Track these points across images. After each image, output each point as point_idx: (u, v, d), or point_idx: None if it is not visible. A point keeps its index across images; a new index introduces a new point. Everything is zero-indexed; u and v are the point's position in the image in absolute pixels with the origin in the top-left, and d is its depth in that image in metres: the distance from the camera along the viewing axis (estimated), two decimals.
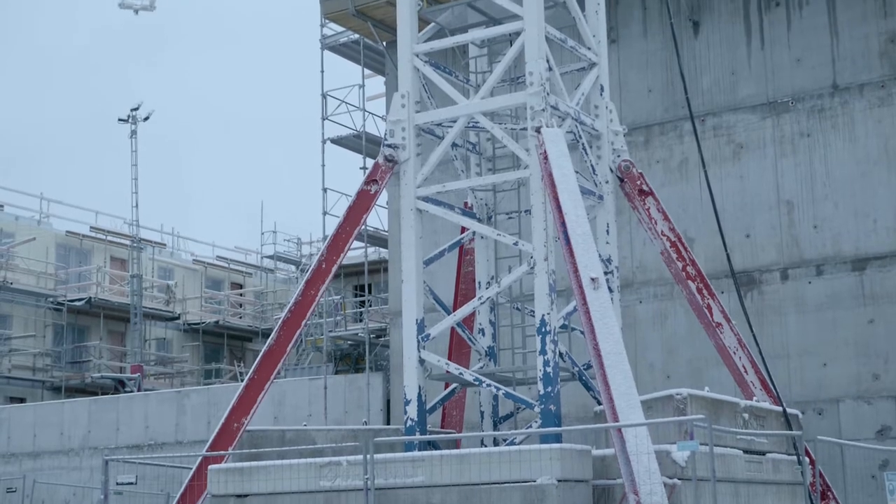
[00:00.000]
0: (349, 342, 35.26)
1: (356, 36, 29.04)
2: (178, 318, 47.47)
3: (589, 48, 17.51)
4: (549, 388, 15.30)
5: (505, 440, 17.63)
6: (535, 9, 15.92)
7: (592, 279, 14.68)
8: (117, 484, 23.81)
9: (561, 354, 16.12)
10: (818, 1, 22.84)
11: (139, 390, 38.79)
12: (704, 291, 17.64)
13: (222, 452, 16.29)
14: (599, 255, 15.75)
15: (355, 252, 34.07)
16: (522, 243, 16.11)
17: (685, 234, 21.39)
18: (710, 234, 21.60)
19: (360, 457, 14.06)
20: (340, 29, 29.27)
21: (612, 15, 23.94)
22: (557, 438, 14.75)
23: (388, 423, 26.08)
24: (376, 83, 31.90)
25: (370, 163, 19.28)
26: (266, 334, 42.34)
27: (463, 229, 18.60)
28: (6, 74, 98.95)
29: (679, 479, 13.66)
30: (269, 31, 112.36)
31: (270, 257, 48.08)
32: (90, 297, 43.31)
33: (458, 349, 18.93)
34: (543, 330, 15.42)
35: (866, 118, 22.11)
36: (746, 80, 23.29)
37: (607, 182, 17.52)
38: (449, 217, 17.26)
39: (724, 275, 20.52)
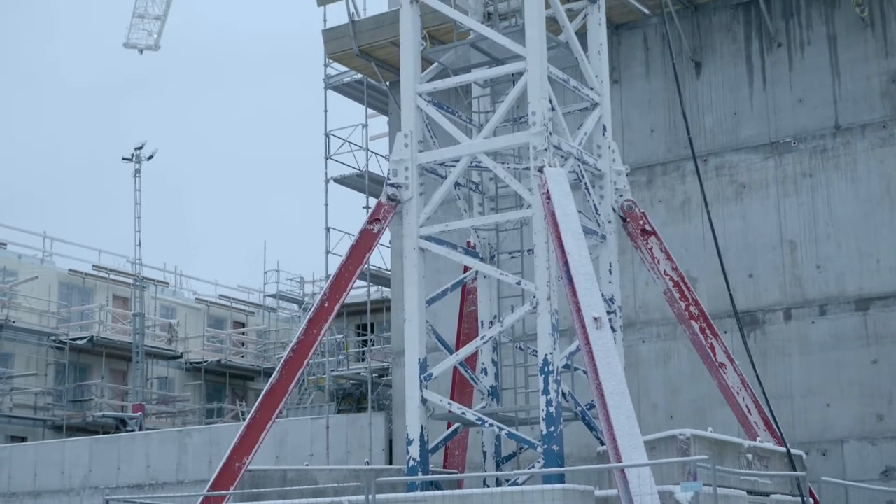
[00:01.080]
0: (351, 381, 35.19)
1: (360, 76, 29.17)
2: (180, 356, 47.40)
3: (591, 88, 17.56)
4: (552, 428, 15.24)
5: (507, 480, 17.53)
6: (538, 49, 15.98)
7: (595, 319, 14.65)
8: None
9: (564, 394, 16.07)
10: (819, 42, 22.93)
11: (140, 429, 38.69)
12: (707, 331, 17.59)
13: (224, 493, 16.21)
14: (602, 295, 15.73)
15: (358, 291, 34.07)
16: (525, 283, 16.10)
17: (688, 273, 21.37)
18: (712, 273, 21.57)
19: (363, 497, 13.98)
20: (344, 69, 29.41)
21: (614, 55, 24.05)
22: (560, 479, 14.67)
23: (391, 463, 25.97)
24: (379, 123, 32.04)
25: (373, 202, 19.31)
26: (268, 373, 42.22)
27: (466, 268, 18.58)
28: (9, 112, 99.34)
29: None
30: (272, 71, 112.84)
31: (273, 296, 48.06)
32: (92, 336, 43.27)
33: (460, 389, 18.87)
34: (546, 369, 15.37)
35: (868, 158, 22.14)
36: (748, 120, 23.35)
37: (610, 221, 17.52)
38: (452, 256, 17.25)
39: (727, 314, 20.48)
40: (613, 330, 16.66)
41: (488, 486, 16.84)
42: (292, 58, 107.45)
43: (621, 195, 17.70)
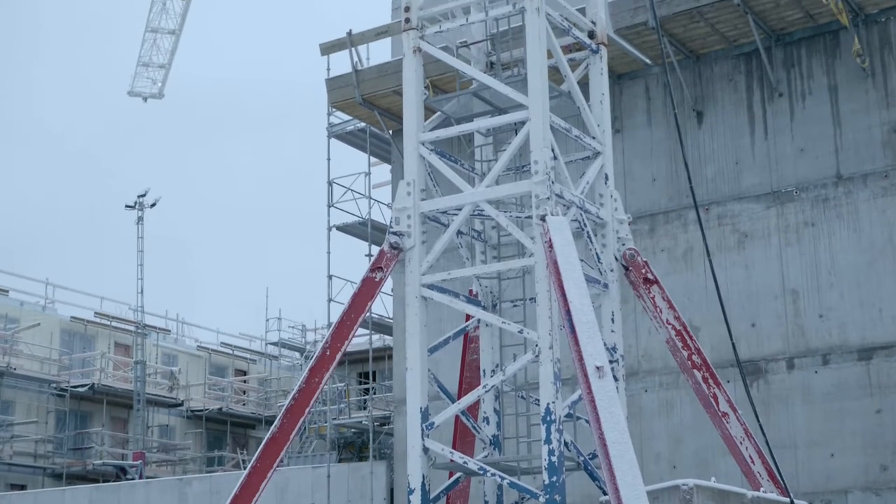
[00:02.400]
0: (353, 430, 35.05)
1: (362, 124, 29.29)
2: (181, 404, 47.29)
3: (594, 137, 17.62)
4: (554, 478, 15.15)
5: None
6: (540, 99, 16.05)
7: (597, 368, 14.61)
8: None
9: (566, 444, 15.98)
10: (821, 92, 23.04)
11: (141, 477, 38.52)
12: (710, 380, 17.53)
13: None
14: (605, 344, 15.68)
15: (360, 339, 34.05)
16: (527, 331, 16.06)
17: (690, 322, 21.34)
18: (715, 322, 21.54)
19: None
20: (347, 117, 29.55)
21: (616, 105, 24.15)
22: None
23: None
24: (382, 171, 32.13)
25: (375, 250, 19.32)
26: (269, 422, 42.12)
27: (468, 317, 18.55)
28: (12, 160, 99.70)
29: None
30: (275, 119, 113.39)
31: (275, 344, 48.03)
32: (93, 384, 43.18)
33: (462, 438, 18.78)
34: (548, 419, 15.30)
35: (870, 208, 22.18)
36: (750, 169, 23.41)
37: (612, 270, 17.51)
38: (454, 305, 17.23)
39: (730, 364, 20.43)
40: (616, 379, 16.60)
41: None
42: (295, 106, 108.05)
43: (623, 244, 17.70)
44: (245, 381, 51.77)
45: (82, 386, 43.16)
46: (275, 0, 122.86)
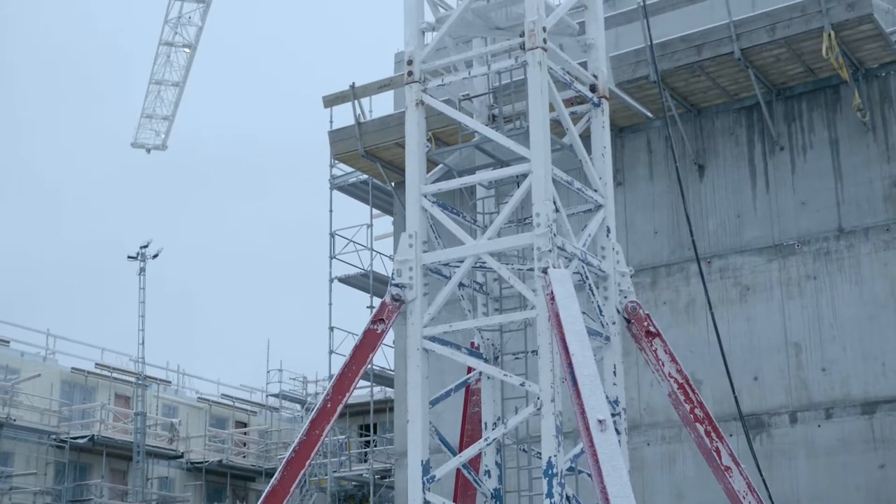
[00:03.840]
0: (354, 483, 34.91)
1: (365, 176, 29.39)
2: (180, 456, 47.07)
3: (595, 190, 17.65)
4: None
5: None
6: (542, 151, 16.09)
7: (600, 421, 14.54)
8: None
9: (568, 497, 15.88)
10: (822, 146, 23.12)
11: None
12: (713, 434, 17.44)
13: None
14: (607, 397, 15.62)
15: (361, 391, 33.94)
16: (529, 384, 16.01)
17: (693, 375, 21.27)
18: (717, 376, 21.48)
19: None
20: (349, 169, 29.66)
21: (618, 158, 24.23)
22: None
23: None
24: (384, 223, 32.22)
25: (377, 302, 19.29)
26: (269, 474, 41.89)
27: (469, 369, 18.50)
28: (14, 209, 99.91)
29: None
30: (278, 171, 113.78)
31: (276, 396, 47.91)
32: (93, 435, 42.99)
33: (463, 491, 18.66)
34: (550, 472, 15.22)
35: (872, 261, 22.18)
36: (752, 222, 23.44)
37: (614, 323, 17.48)
38: (455, 357, 17.18)
39: (733, 417, 20.34)
40: (618, 432, 16.52)
41: None
42: (297, 158, 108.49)
43: (625, 297, 17.68)
44: (245, 433, 51.55)
45: (82, 437, 42.99)
46: (278, 52, 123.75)
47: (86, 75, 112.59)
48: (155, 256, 45.72)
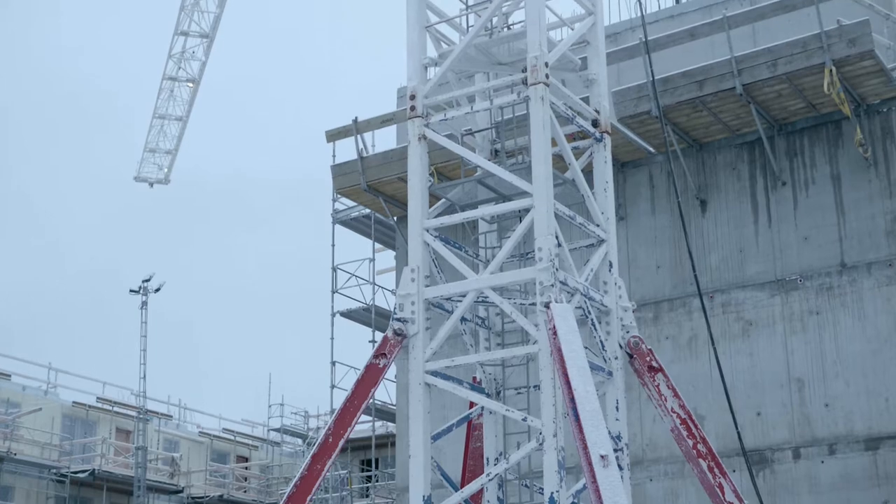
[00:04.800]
0: None
1: (367, 210, 29.40)
2: (181, 491, 46.87)
3: (598, 225, 17.66)
4: None
5: None
6: (545, 186, 16.11)
7: (602, 456, 14.48)
8: None
9: None
10: (824, 181, 23.14)
11: None
12: (716, 470, 17.37)
13: None
14: (609, 432, 15.57)
15: (363, 426, 33.81)
16: (531, 419, 15.96)
17: (695, 411, 21.21)
18: (720, 411, 21.41)
19: None
20: (352, 203, 29.67)
21: (620, 193, 24.26)
22: None
23: None
24: (386, 257, 32.19)
25: (379, 336, 19.26)
26: None
27: (471, 404, 18.45)
28: (15, 243, 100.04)
29: None
30: (280, 205, 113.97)
31: (277, 430, 47.78)
32: (94, 469, 42.84)
33: None
34: None
35: (875, 296, 22.15)
36: (754, 257, 23.43)
37: (616, 358, 17.44)
38: (457, 392, 17.14)
39: (736, 453, 20.26)
40: (620, 468, 16.45)
41: None
42: (300, 192, 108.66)
43: (628, 331, 17.65)
44: (247, 468, 51.38)
45: (83, 471, 42.83)
46: (280, 86, 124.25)
47: (81, 110, 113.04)
48: (157, 290, 45.67)
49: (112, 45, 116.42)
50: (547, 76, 15.94)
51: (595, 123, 17.44)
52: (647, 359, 17.57)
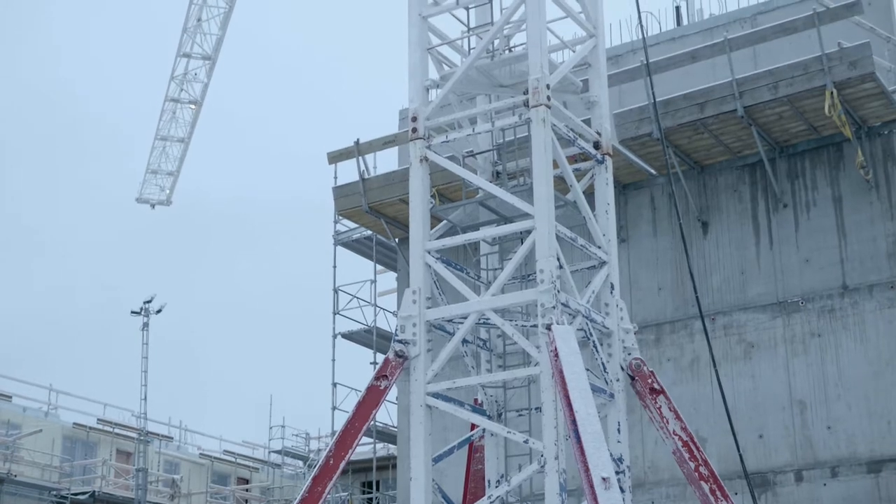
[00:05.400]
0: None
1: (369, 232, 29.41)
2: None
3: (599, 247, 17.66)
4: None
5: None
6: (546, 208, 16.12)
7: (604, 479, 14.45)
8: None
9: None
10: (825, 203, 23.15)
11: None
12: (718, 493, 17.32)
13: None
14: (611, 455, 15.53)
15: (364, 448, 33.73)
16: (533, 441, 15.93)
17: (697, 433, 21.16)
18: (722, 433, 21.36)
19: None
20: (354, 225, 29.67)
21: (621, 214, 24.27)
22: None
23: None
24: (388, 279, 32.17)
25: (380, 358, 19.23)
26: None
27: (473, 426, 18.41)
28: (15, 265, 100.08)
29: None
30: (282, 227, 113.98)
31: (278, 452, 47.64)
32: (94, 491, 42.71)
33: None
34: None
35: (877, 319, 22.13)
36: (756, 279, 23.42)
37: (618, 380, 17.41)
38: (459, 414, 17.11)
39: (738, 475, 20.20)
40: (622, 490, 16.40)
41: None
42: (301, 214, 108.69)
43: (629, 353, 17.63)
44: (247, 490, 51.22)
45: (83, 493, 42.68)
46: (281, 108, 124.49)
47: (79, 135, 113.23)
48: (158, 312, 45.59)
49: (108, 70, 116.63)
50: (548, 98, 15.96)
51: (596, 145, 17.46)
52: (649, 381, 17.54)
